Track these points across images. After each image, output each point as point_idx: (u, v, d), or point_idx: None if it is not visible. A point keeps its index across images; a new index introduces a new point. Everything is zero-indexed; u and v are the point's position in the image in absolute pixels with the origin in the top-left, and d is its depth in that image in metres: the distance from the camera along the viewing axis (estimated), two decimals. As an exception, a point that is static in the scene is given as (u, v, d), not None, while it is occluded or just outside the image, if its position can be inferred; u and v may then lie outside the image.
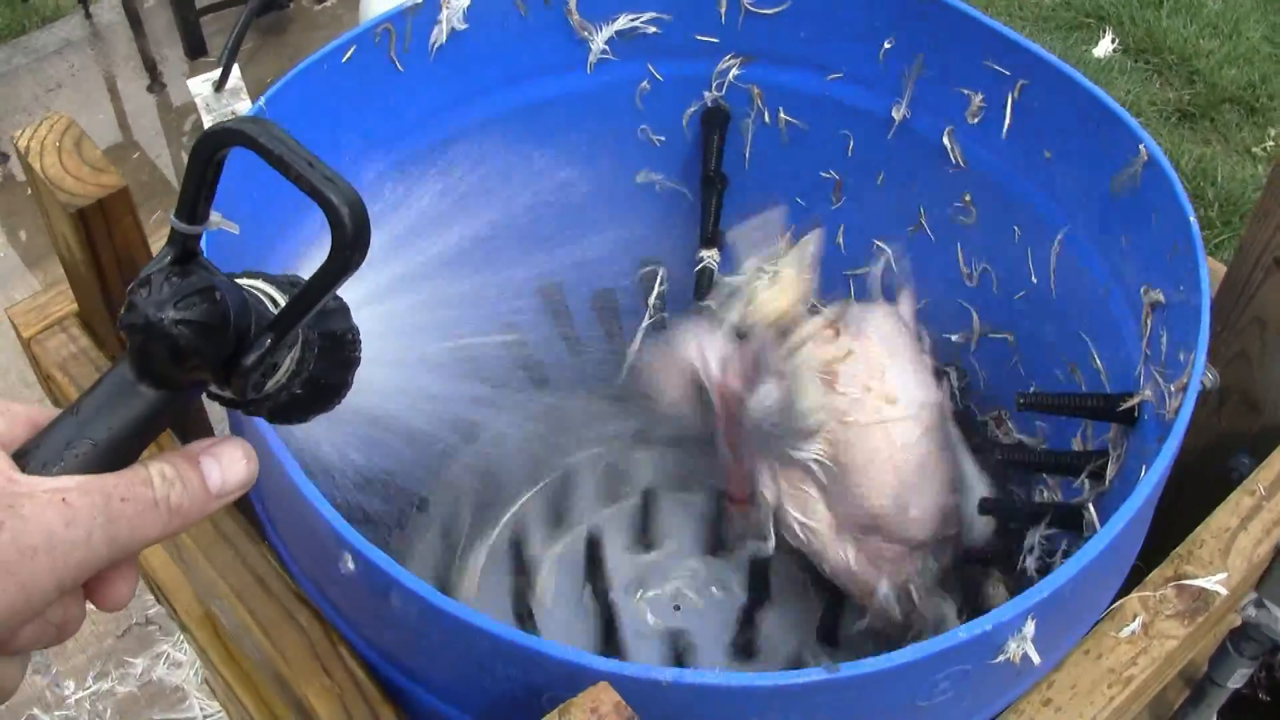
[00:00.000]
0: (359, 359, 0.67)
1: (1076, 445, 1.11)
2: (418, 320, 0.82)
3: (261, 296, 0.61)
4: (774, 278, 1.15)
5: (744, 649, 1.25)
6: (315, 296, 0.58)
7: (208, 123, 2.57)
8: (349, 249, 0.55)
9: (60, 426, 0.57)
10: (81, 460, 0.55)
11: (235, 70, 2.60)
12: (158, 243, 1.08)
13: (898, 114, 1.16)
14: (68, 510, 0.52)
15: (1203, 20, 3.17)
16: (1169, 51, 3.09)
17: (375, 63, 1.08)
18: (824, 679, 0.70)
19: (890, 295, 1.20)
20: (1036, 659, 0.75)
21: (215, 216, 0.59)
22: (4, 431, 0.56)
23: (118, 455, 0.57)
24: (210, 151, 0.57)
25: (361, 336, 0.68)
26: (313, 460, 0.88)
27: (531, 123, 1.21)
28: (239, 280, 0.61)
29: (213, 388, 0.60)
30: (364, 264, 0.57)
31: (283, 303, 0.61)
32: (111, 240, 0.99)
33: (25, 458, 0.55)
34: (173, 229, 0.58)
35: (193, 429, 1.14)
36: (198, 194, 0.58)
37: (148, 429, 0.58)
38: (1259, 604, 0.99)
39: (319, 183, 0.54)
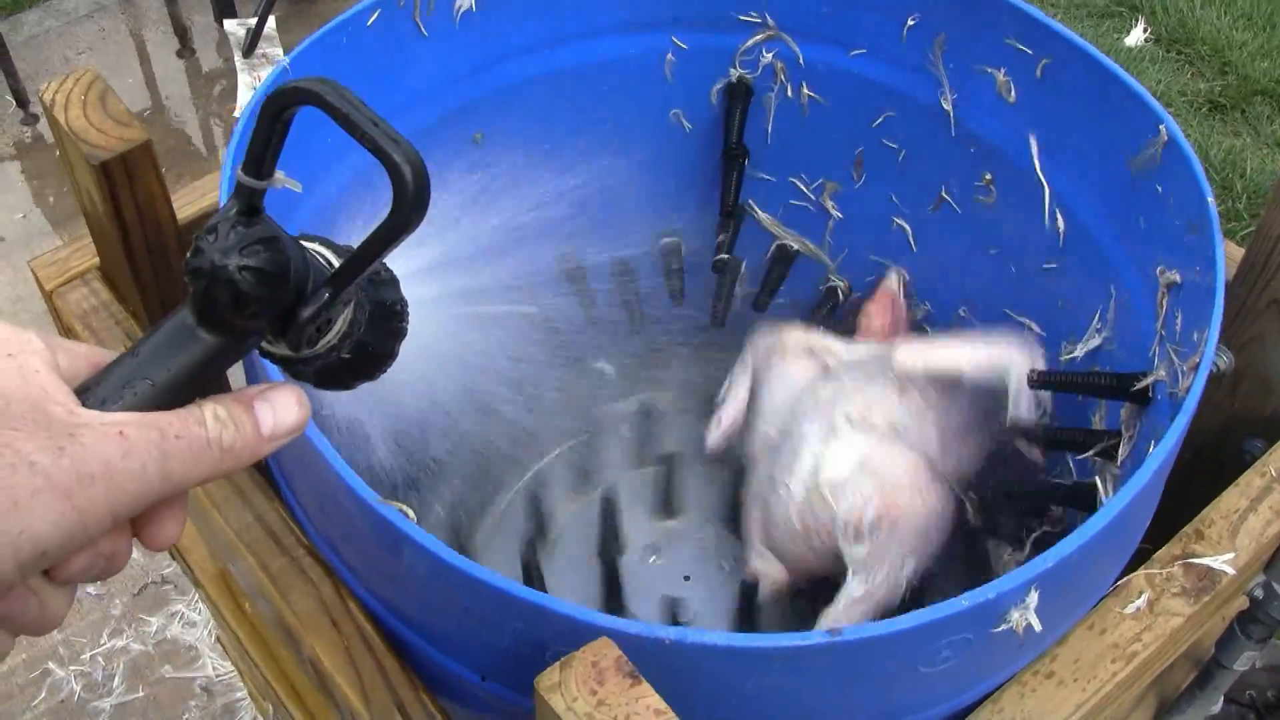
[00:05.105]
0: (406, 330, 0.68)
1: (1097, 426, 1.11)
2: (435, 284, 0.82)
3: (319, 257, 0.62)
4: None
5: (745, 623, 1.26)
6: (375, 253, 0.58)
7: (240, 65, 2.59)
8: (410, 207, 0.56)
9: (120, 366, 0.58)
10: (139, 399, 0.57)
11: (271, 20, 2.62)
12: (181, 200, 1.09)
13: (946, 104, 1.16)
14: (125, 443, 0.54)
15: (1236, 11, 3.16)
16: (1201, 42, 3.08)
17: (399, 27, 1.09)
18: (826, 642, 0.70)
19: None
20: (1038, 626, 0.75)
21: (279, 175, 0.60)
22: (66, 368, 0.57)
23: (174, 397, 0.58)
24: (278, 109, 0.57)
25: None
26: (329, 416, 0.89)
27: (554, 91, 1.21)
28: (299, 240, 0.63)
29: (266, 342, 0.62)
30: None
31: (338, 265, 0.63)
32: (133, 194, 1.00)
33: (85, 394, 0.56)
34: (238, 182, 0.59)
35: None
36: (264, 150, 0.58)
37: (204, 373, 0.59)
38: (1267, 586, 0.99)
39: (383, 142, 0.55)
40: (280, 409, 0.61)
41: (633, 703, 0.65)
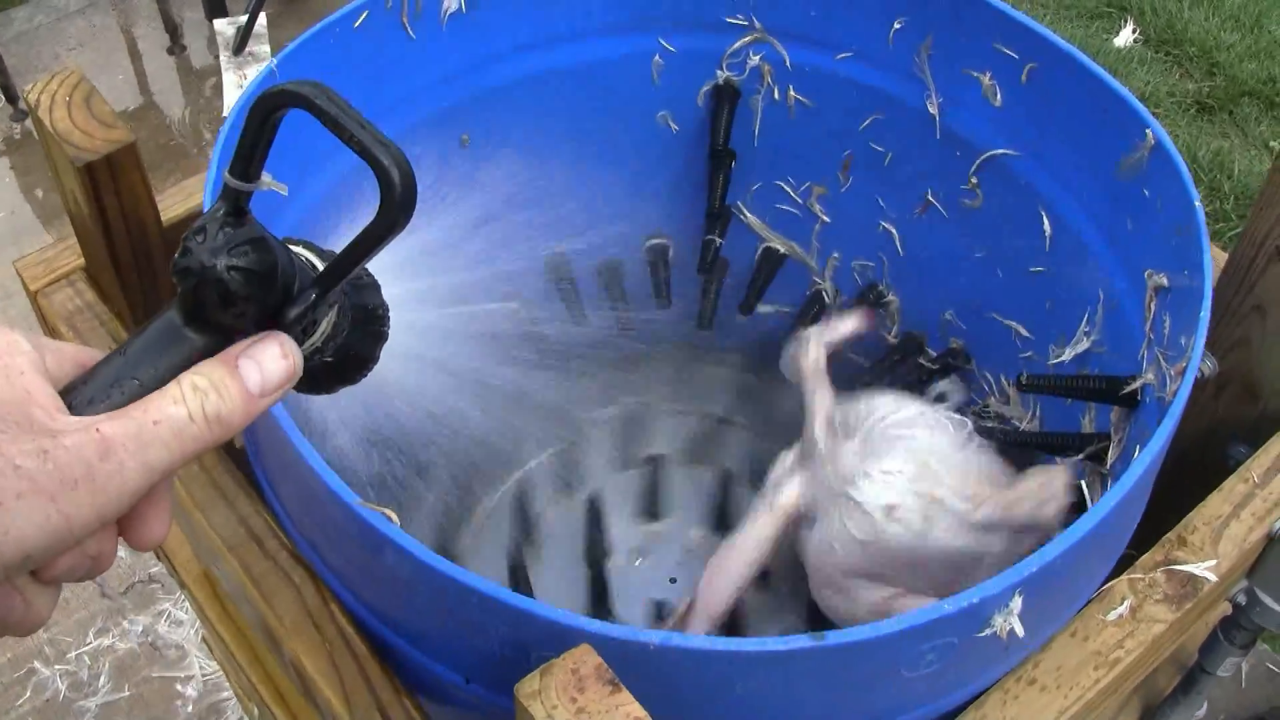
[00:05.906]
0: (387, 335, 0.69)
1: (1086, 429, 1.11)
2: (422, 285, 0.82)
3: (304, 261, 0.63)
4: None
5: (729, 626, 1.27)
6: (362, 254, 0.59)
7: (225, 64, 2.59)
8: (397, 209, 0.57)
9: (107, 366, 0.58)
10: (126, 398, 0.57)
11: (262, 18, 2.62)
12: (166, 202, 1.08)
13: (933, 107, 1.16)
14: (102, 442, 0.53)
15: (1224, 13, 3.16)
16: (1190, 43, 3.08)
17: (387, 29, 1.08)
18: (809, 646, 0.70)
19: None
20: (1021, 631, 0.75)
21: (266, 177, 0.60)
22: (53, 368, 0.57)
23: None
24: (266, 112, 0.58)
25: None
26: (310, 419, 0.89)
27: (541, 93, 1.21)
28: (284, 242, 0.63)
29: None
30: None
31: (323, 267, 0.63)
32: (118, 196, 1.00)
33: (72, 394, 0.56)
34: (225, 184, 0.59)
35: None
36: (252, 152, 0.59)
37: None
38: (1249, 592, 0.99)
39: (371, 145, 0.56)
40: (267, 363, 0.60)
41: (613, 710, 0.65)
